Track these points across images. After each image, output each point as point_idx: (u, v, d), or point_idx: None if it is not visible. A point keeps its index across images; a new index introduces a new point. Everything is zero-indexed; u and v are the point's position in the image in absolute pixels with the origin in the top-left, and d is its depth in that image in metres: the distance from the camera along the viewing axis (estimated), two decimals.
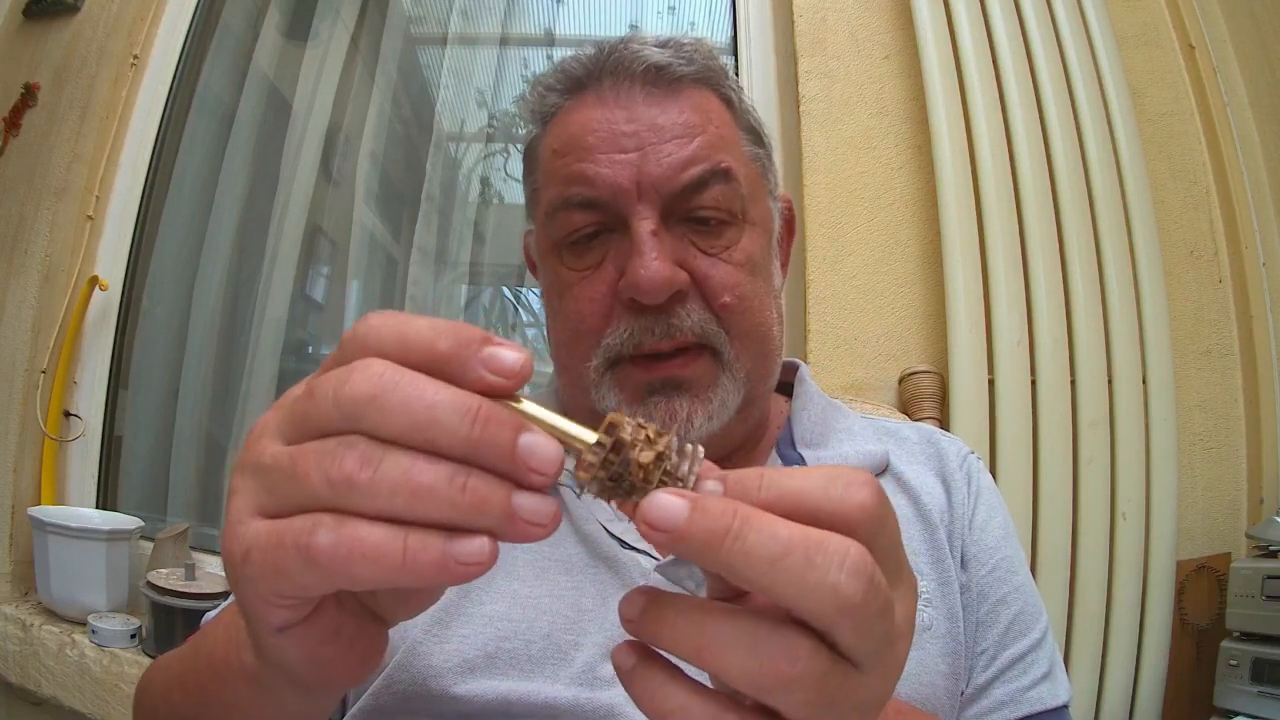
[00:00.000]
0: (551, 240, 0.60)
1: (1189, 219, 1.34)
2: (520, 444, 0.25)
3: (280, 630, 0.29)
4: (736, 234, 0.58)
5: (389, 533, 0.25)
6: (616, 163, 0.56)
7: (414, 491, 0.25)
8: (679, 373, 0.56)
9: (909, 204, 1.33)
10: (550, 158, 0.60)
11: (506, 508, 0.25)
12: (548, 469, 0.25)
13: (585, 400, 0.59)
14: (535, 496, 0.25)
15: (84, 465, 1.54)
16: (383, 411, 0.25)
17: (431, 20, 1.86)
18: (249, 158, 1.73)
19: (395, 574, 0.25)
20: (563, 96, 0.61)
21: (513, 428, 0.25)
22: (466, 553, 0.25)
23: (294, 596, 0.27)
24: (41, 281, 1.48)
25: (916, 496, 0.60)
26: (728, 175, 0.57)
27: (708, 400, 0.56)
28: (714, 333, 0.56)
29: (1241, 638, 1.10)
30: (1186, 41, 1.41)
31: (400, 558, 0.25)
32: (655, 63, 0.58)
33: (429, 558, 0.25)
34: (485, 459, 0.25)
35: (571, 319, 0.58)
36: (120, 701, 1.23)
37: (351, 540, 0.25)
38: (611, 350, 0.56)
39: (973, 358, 1.20)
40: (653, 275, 0.53)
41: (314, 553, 0.25)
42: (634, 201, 0.56)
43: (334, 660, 0.31)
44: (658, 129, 0.57)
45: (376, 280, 1.80)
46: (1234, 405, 1.29)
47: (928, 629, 0.53)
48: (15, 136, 1.56)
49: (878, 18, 1.40)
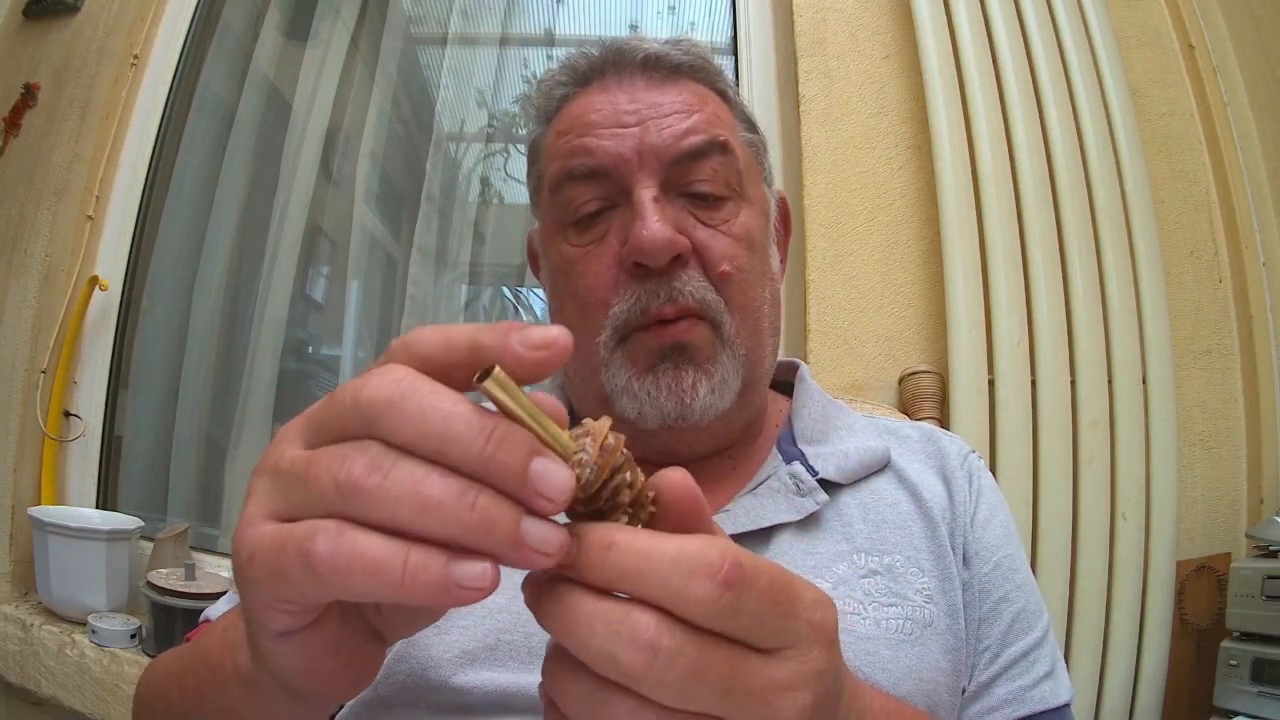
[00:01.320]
0: (556, 220, 0.61)
1: (1189, 219, 1.34)
2: (533, 468, 0.25)
3: (280, 635, 0.29)
4: (734, 209, 0.60)
5: (390, 547, 0.24)
6: (619, 135, 0.58)
7: (422, 504, 0.24)
8: (684, 336, 0.56)
9: (909, 204, 1.33)
10: (554, 140, 0.62)
11: (515, 533, 0.24)
12: (557, 496, 0.25)
13: (594, 382, 0.59)
14: (545, 524, 0.25)
15: (84, 465, 1.54)
16: (398, 417, 0.25)
17: (431, 20, 1.86)
18: (249, 158, 1.73)
19: (393, 590, 0.24)
20: (568, 89, 0.63)
21: (526, 450, 0.25)
22: (468, 576, 0.24)
23: (295, 603, 0.27)
24: (41, 281, 1.48)
25: (918, 493, 0.60)
26: (725, 148, 0.59)
27: (711, 373, 0.57)
28: (713, 301, 0.57)
29: (1241, 638, 1.10)
30: (1186, 41, 1.41)
31: (399, 574, 0.24)
32: (654, 52, 0.61)
33: (429, 578, 0.24)
34: (495, 478, 0.25)
35: (579, 294, 0.59)
36: (120, 701, 1.23)
37: (350, 551, 0.24)
38: (619, 319, 0.57)
39: (973, 358, 1.20)
40: (654, 235, 0.54)
41: (312, 560, 0.25)
42: (635, 170, 0.57)
43: (329, 674, 0.31)
44: (657, 106, 0.59)
45: (376, 280, 1.80)
46: (1234, 405, 1.29)
47: (929, 626, 0.53)
48: (15, 136, 1.56)
49: (878, 18, 1.40)
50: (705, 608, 0.26)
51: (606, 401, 0.58)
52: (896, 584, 0.55)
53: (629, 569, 0.26)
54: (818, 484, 0.58)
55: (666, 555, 0.26)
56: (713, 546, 0.26)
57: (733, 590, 0.26)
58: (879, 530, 0.57)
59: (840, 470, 0.59)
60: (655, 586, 0.26)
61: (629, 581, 0.26)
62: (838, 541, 0.57)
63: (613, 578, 0.26)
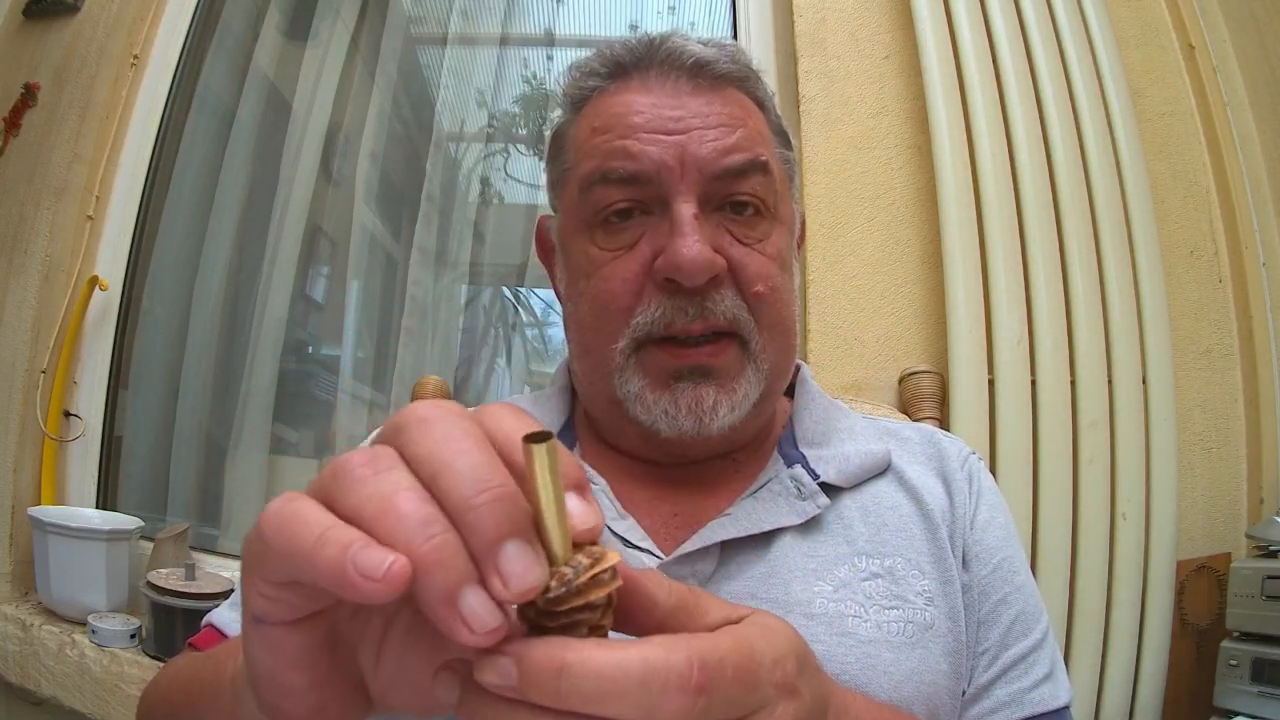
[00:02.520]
0: (582, 219, 0.60)
1: (1189, 219, 1.34)
2: (507, 545, 0.24)
3: (255, 620, 0.28)
4: (769, 227, 0.59)
5: (322, 516, 0.24)
6: (661, 142, 0.56)
7: (386, 509, 0.24)
8: (708, 361, 0.56)
9: (909, 204, 1.33)
10: (588, 135, 0.60)
11: (452, 590, 0.23)
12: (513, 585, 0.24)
13: (606, 387, 0.58)
14: (487, 603, 0.24)
15: (84, 465, 1.54)
16: (422, 432, 0.25)
17: (431, 20, 1.86)
18: (249, 158, 1.73)
19: (302, 558, 0.24)
20: (604, 80, 0.61)
21: (511, 524, 0.24)
22: (367, 562, 0.23)
23: (267, 580, 0.27)
24: (41, 281, 1.48)
25: (918, 496, 0.60)
26: (765, 168, 0.58)
27: (733, 391, 0.56)
28: (745, 320, 0.56)
29: (1241, 638, 1.10)
30: (1186, 41, 1.41)
31: (311, 540, 0.24)
32: (702, 58, 0.59)
33: (332, 551, 0.23)
34: (467, 529, 0.24)
35: (601, 298, 0.58)
36: (120, 701, 1.23)
37: (288, 510, 0.25)
38: (640, 330, 0.56)
39: (973, 358, 1.20)
40: (695, 256, 0.53)
41: (265, 512, 0.25)
42: (677, 180, 0.56)
43: (291, 690, 0.29)
44: (703, 115, 0.58)
45: (376, 280, 1.80)
46: (1234, 405, 1.29)
47: (930, 628, 0.53)
48: (15, 136, 1.56)
49: (878, 18, 1.40)
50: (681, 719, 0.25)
51: (617, 404, 0.58)
52: (897, 587, 0.55)
53: (590, 693, 0.24)
54: (819, 488, 0.58)
55: (631, 675, 0.24)
56: (676, 653, 0.25)
57: (705, 694, 0.25)
58: (880, 533, 0.57)
59: (841, 474, 0.59)
60: (625, 709, 0.24)
61: (593, 706, 0.24)
62: (839, 544, 0.57)
63: (573, 704, 0.24)
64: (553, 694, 0.24)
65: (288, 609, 0.28)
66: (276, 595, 0.27)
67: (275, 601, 0.27)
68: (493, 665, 0.25)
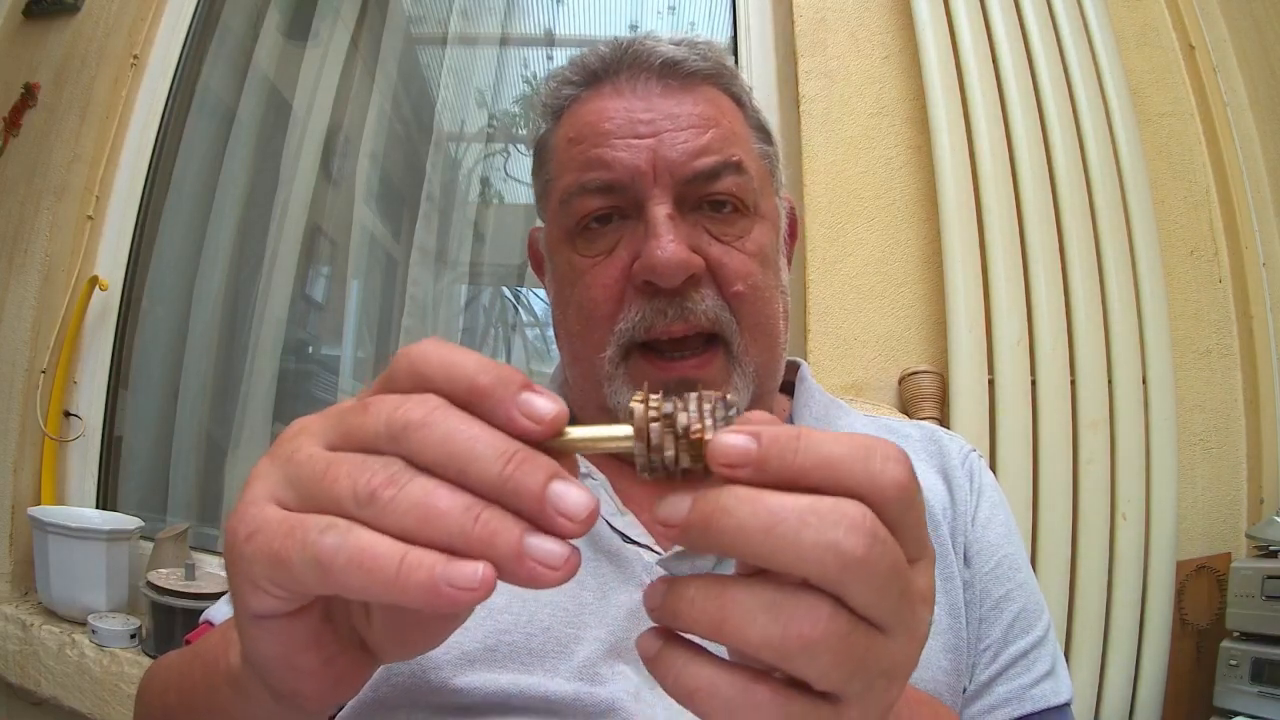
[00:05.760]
0: (564, 229, 0.60)
1: (1189, 219, 1.34)
2: (551, 489, 0.25)
3: (258, 618, 0.29)
4: (749, 224, 0.59)
5: (392, 546, 0.25)
6: (633, 147, 0.56)
7: (428, 514, 0.25)
8: (694, 374, 0.56)
9: (909, 204, 1.33)
10: (565, 146, 0.61)
11: (517, 545, 0.25)
12: (576, 514, 0.25)
13: (596, 395, 0.58)
14: (550, 539, 0.25)
15: (84, 465, 1.54)
16: (426, 438, 0.26)
17: (431, 20, 1.86)
18: (249, 158, 1.73)
19: (387, 587, 0.25)
20: (578, 88, 0.61)
21: (546, 473, 0.25)
22: (459, 575, 0.24)
23: (285, 588, 0.27)
24: (41, 281, 1.48)
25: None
26: (739, 168, 0.58)
27: None
28: (726, 320, 0.56)
29: (1241, 638, 1.10)
30: (1186, 41, 1.41)
31: (394, 571, 0.24)
32: (671, 58, 0.59)
33: (421, 575, 0.24)
34: (513, 499, 0.25)
35: (585, 306, 0.58)
36: (120, 701, 1.23)
37: (355, 546, 0.25)
38: (624, 336, 0.56)
39: (973, 358, 1.20)
40: (669, 257, 0.53)
41: (319, 550, 0.25)
42: (650, 185, 0.56)
43: (306, 672, 0.30)
44: (674, 117, 0.57)
45: (376, 280, 1.80)
46: (1234, 405, 1.29)
47: (931, 625, 0.53)
48: (15, 136, 1.56)
49: (878, 18, 1.40)
50: (899, 491, 0.26)
51: (608, 412, 0.58)
52: None
53: (825, 456, 0.26)
54: None
55: (857, 442, 0.26)
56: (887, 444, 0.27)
57: (913, 478, 0.27)
58: None
59: None
60: (854, 466, 0.26)
61: (824, 471, 0.26)
62: None
63: (807, 463, 0.26)
64: (792, 455, 0.26)
65: (293, 600, 0.28)
66: (286, 595, 0.28)
67: (284, 600, 0.28)
68: (732, 438, 0.26)
